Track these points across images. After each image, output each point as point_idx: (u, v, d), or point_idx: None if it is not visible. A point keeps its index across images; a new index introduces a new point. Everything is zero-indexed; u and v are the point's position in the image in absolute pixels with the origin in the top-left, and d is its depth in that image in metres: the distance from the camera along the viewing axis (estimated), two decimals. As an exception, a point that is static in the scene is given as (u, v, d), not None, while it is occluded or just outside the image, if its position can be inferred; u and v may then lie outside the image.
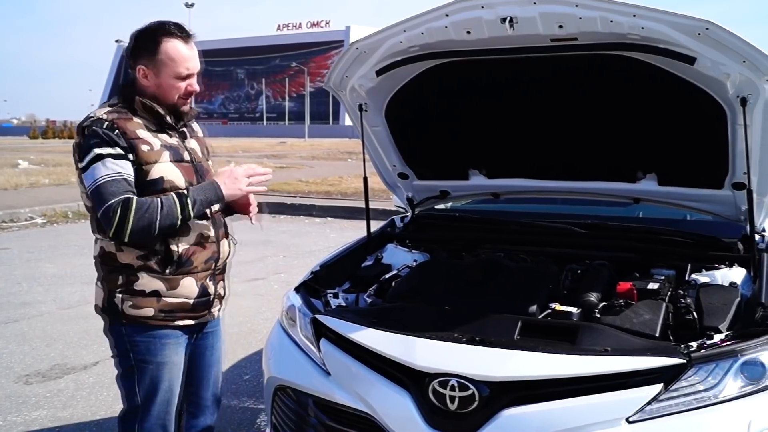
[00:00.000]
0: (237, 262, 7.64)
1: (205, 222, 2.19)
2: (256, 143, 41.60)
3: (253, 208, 2.36)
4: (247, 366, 4.32)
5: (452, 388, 2.02)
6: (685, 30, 2.17)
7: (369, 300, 2.72)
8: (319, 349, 2.37)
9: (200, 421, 2.43)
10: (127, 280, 2.10)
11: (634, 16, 2.18)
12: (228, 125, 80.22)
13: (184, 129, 2.25)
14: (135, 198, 1.99)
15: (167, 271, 2.11)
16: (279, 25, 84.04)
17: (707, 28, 2.14)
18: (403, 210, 3.66)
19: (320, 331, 2.40)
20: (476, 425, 1.99)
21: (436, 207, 3.61)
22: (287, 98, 77.25)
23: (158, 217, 2.00)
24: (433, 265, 2.90)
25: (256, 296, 6.08)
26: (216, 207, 2.22)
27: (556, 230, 3.07)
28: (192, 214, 2.07)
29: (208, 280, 2.23)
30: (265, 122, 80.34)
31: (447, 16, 2.39)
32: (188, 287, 2.16)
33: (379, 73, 2.72)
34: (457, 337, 2.16)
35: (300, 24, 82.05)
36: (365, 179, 3.08)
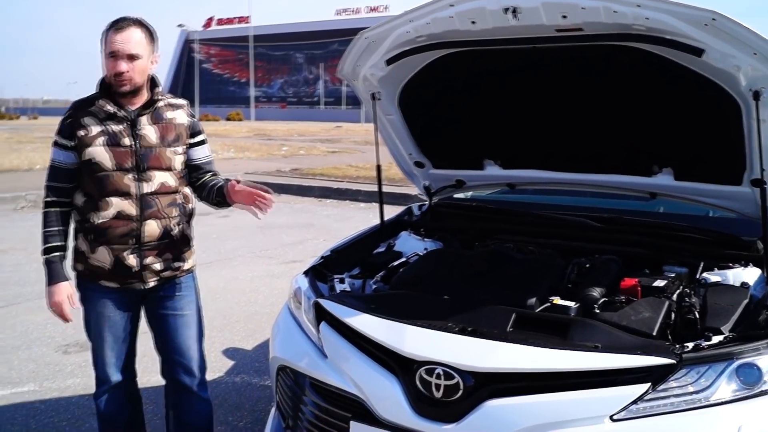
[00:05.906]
0: (277, 244, 7.94)
1: (127, 202, 2.45)
2: (312, 127, 42.04)
3: (253, 208, 2.46)
4: (273, 346, 4.44)
5: (438, 377, 2.04)
6: (691, 21, 2.10)
7: (374, 286, 2.76)
8: (318, 332, 2.43)
9: (181, 378, 2.68)
10: (74, 237, 2.54)
11: (638, 6, 2.12)
12: (286, 109, 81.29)
13: (143, 116, 2.48)
14: (48, 211, 2.50)
15: (89, 237, 2.49)
16: (338, 10, 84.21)
17: (714, 19, 2.06)
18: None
19: (321, 315, 2.46)
20: (460, 414, 2.01)
21: (456, 196, 3.61)
22: (345, 83, 77.60)
23: (42, 229, 2.50)
24: (440, 254, 2.91)
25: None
26: (152, 188, 2.48)
27: (570, 223, 3.03)
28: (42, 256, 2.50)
29: (127, 253, 2.47)
30: (322, 106, 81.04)
31: (452, 6, 2.39)
32: (102, 255, 2.48)
33: (389, 62, 2.74)
34: (449, 327, 2.17)
35: (359, 9, 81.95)
36: (378, 167, 3.11)
